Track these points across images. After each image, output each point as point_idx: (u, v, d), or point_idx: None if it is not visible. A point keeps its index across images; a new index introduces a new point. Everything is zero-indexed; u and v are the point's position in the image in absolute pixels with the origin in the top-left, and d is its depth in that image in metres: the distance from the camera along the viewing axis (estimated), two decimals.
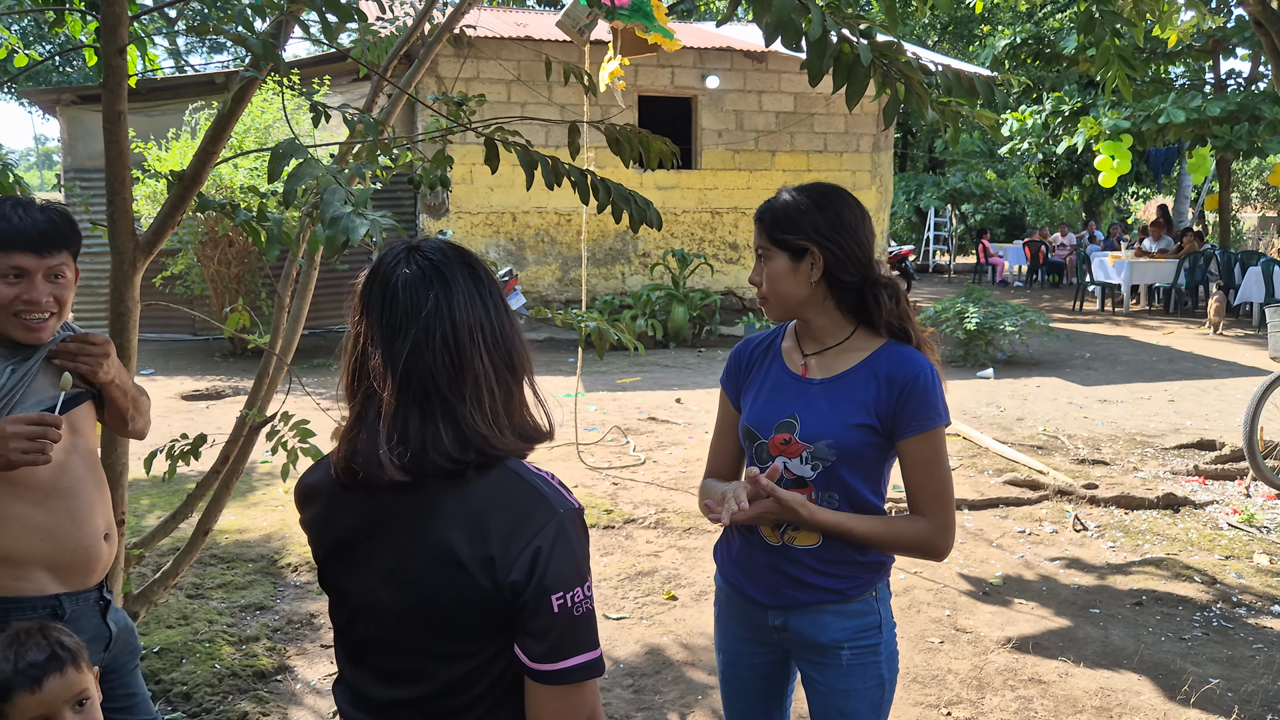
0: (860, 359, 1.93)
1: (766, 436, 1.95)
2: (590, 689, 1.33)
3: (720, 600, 2.12)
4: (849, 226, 1.90)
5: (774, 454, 1.94)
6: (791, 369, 1.99)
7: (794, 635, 1.98)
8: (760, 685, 2.07)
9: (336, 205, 1.73)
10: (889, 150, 13.60)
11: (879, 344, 1.94)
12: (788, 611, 1.96)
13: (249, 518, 5.14)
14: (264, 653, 3.69)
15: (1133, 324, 14.41)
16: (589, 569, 1.34)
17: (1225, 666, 3.69)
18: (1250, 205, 32.36)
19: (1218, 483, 6.07)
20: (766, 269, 1.93)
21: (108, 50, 2.25)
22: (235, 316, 3.14)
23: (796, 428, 1.92)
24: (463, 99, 2.61)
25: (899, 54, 1.79)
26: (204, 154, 2.42)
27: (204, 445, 3.10)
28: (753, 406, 2.00)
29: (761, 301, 1.97)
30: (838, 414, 1.90)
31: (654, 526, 5.16)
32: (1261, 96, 14.13)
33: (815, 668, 1.98)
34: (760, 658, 2.06)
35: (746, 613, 2.03)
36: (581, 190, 2.51)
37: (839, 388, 1.92)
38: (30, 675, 1.58)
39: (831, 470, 1.90)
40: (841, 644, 1.94)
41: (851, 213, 1.92)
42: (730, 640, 2.09)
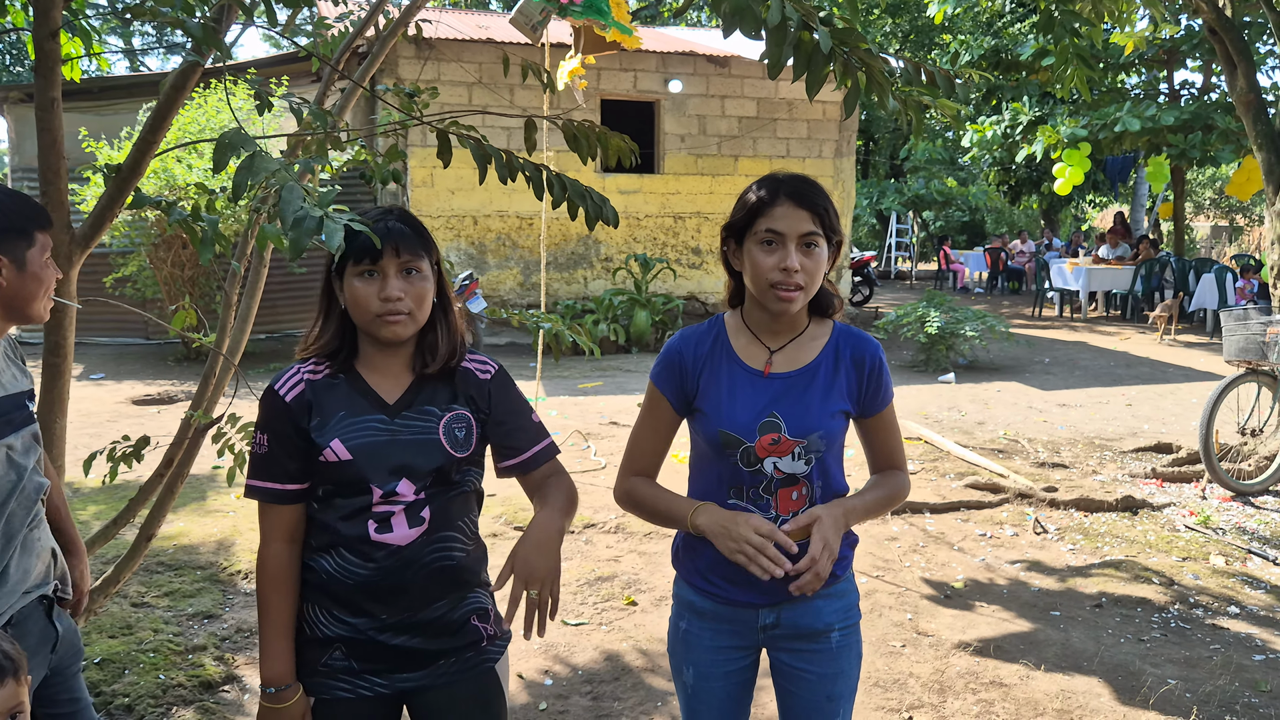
0: (821, 346, 1.92)
1: (752, 440, 1.88)
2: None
3: (687, 612, 2.02)
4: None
5: (763, 456, 1.88)
6: (754, 366, 1.92)
7: (785, 629, 1.95)
8: (735, 693, 2.02)
9: (298, 205, 1.65)
10: (851, 156, 13.66)
11: (828, 328, 1.95)
12: (780, 607, 1.93)
13: (200, 524, 5.01)
14: (211, 662, 3.58)
15: (1090, 330, 14.58)
16: (257, 424, 1.82)
17: (1183, 667, 3.69)
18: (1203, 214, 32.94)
19: (1175, 485, 6.12)
20: (813, 258, 1.82)
21: (39, 34, 2.16)
22: (181, 315, 3.04)
23: (782, 425, 1.87)
24: (415, 90, 2.54)
25: (859, 42, 1.75)
26: (143, 144, 2.33)
27: (147, 448, 3.00)
28: (722, 412, 1.90)
29: (790, 293, 1.81)
30: (820, 404, 1.88)
31: (614, 531, 5.10)
32: (1214, 106, 14.35)
33: (803, 657, 1.95)
34: (737, 664, 2.01)
35: (730, 618, 1.97)
36: (536, 185, 2.45)
37: (814, 378, 1.90)
38: None
39: (821, 461, 1.90)
40: (833, 627, 1.95)
41: None
42: (705, 652, 1.99)
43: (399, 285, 1.76)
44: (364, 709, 1.85)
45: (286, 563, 1.79)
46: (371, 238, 1.69)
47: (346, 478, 1.77)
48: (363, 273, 1.76)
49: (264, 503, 1.80)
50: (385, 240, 1.75)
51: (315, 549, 1.82)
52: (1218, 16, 5.84)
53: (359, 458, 1.77)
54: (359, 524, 1.79)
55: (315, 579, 1.82)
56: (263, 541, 1.80)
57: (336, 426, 1.77)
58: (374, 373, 1.83)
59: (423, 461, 1.81)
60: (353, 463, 1.76)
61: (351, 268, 1.76)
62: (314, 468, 1.79)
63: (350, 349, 1.83)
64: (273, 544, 1.79)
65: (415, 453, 1.81)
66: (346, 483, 1.78)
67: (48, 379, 2.55)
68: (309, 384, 1.80)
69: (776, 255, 1.82)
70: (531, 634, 1.70)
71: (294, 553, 1.81)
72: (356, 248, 1.74)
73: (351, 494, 1.78)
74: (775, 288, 1.83)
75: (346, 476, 1.77)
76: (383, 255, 1.75)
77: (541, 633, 1.72)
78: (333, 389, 1.81)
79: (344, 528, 1.78)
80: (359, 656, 1.83)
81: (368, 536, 1.78)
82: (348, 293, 1.78)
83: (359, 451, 1.77)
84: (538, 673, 3.60)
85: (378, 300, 1.75)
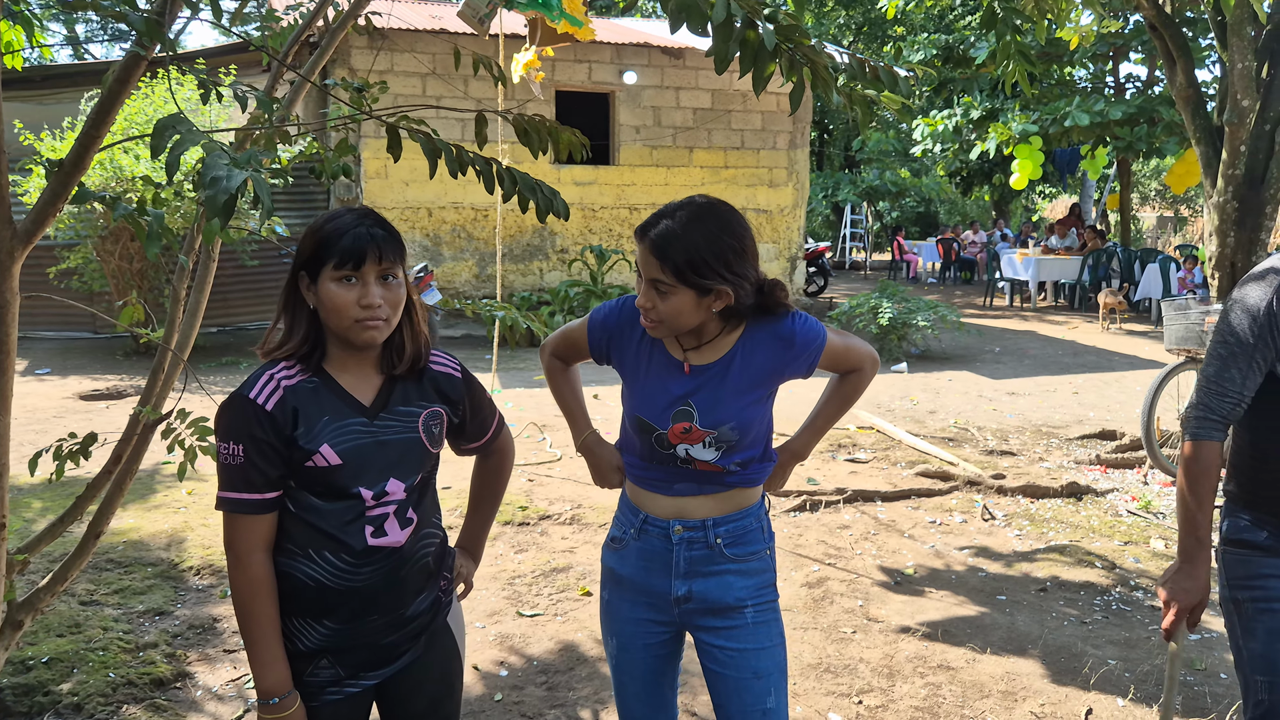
0: (735, 339, 1.97)
1: (664, 427, 1.95)
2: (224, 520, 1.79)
3: (609, 580, 2.12)
4: (749, 252, 1.88)
5: (674, 442, 1.96)
6: (675, 356, 1.98)
7: (697, 603, 2.00)
8: (657, 665, 2.09)
9: (220, 166, 1.64)
10: (805, 148, 13.76)
11: (740, 323, 1.97)
12: (691, 578, 1.98)
13: (149, 520, 4.95)
14: (162, 659, 3.55)
15: (1040, 319, 14.84)
16: (224, 434, 1.77)
17: (1123, 648, 3.80)
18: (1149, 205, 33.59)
19: (1118, 471, 6.27)
20: (667, 302, 1.85)
21: None
22: (129, 310, 3.01)
23: (694, 415, 1.93)
24: (363, 85, 2.53)
25: (803, 38, 1.79)
26: (86, 139, 2.29)
27: (95, 445, 2.97)
28: (641, 396, 1.99)
29: (651, 325, 1.90)
30: (735, 395, 1.94)
31: (569, 523, 5.12)
32: (1158, 99, 14.65)
33: (720, 634, 2.00)
34: (657, 637, 2.07)
35: (644, 588, 2.04)
36: (486, 179, 2.46)
37: (728, 369, 1.95)
38: None
39: (733, 446, 1.94)
40: (745, 603, 1.99)
41: (746, 234, 1.88)
42: (625, 623, 2.08)
43: (378, 292, 1.76)
44: (345, 707, 1.88)
45: (269, 571, 1.78)
46: (357, 245, 1.71)
47: (335, 482, 1.77)
48: (343, 278, 1.74)
49: (241, 514, 1.77)
50: (368, 246, 1.74)
51: (295, 556, 1.80)
52: (1158, 13, 5.98)
53: (349, 461, 1.77)
54: (354, 530, 1.79)
55: (295, 587, 1.80)
56: (242, 552, 1.77)
57: (324, 431, 1.77)
58: (345, 374, 1.83)
59: (408, 461, 1.84)
60: (343, 467, 1.77)
61: (331, 272, 1.74)
62: (296, 474, 1.78)
63: (321, 351, 1.82)
64: (255, 554, 1.77)
65: (400, 453, 1.83)
66: (334, 487, 1.78)
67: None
68: (289, 390, 1.77)
69: (641, 292, 1.89)
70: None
71: (271, 560, 1.80)
72: (340, 253, 1.73)
73: (338, 498, 1.79)
74: (647, 320, 1.92)
75: (336, 481, 1.77)
76: (365, 261, 1.74)
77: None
78: (312, 393, 1.79)
79: (338, 534, 1.79)
80: (346, 662, 1.85)
81: (365, 542, 1.79)
82: (323, 296, 1.75)
83: (348, 455, 1.77)
84: (493, 664, 3.62)
85: (357, 307, 1.74)
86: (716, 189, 13.25)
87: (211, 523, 4.91)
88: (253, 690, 3.40)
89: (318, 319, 1.80)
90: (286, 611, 1.82)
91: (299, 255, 1.80)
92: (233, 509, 1.77)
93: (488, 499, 2.23)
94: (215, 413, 1.85)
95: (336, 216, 1.78)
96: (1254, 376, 2.02)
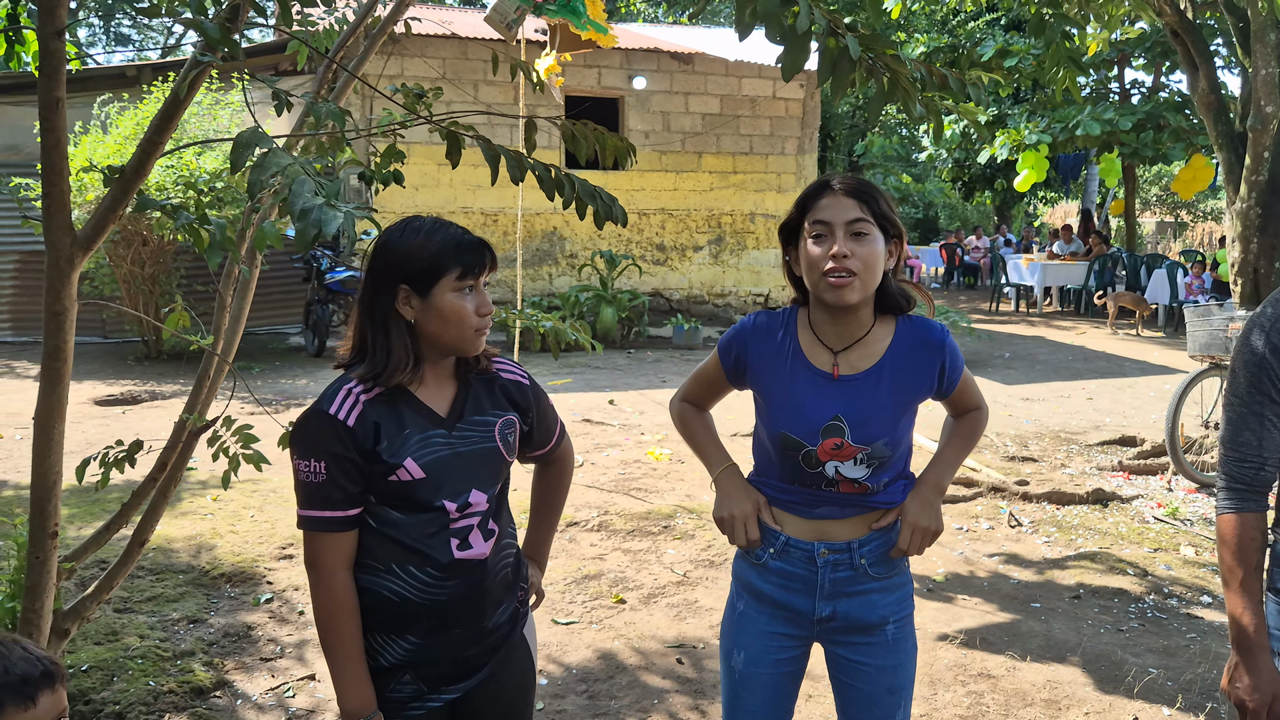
0: (886, 346, 1.92)
1: (814, 444, 1.88)
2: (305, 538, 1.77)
3: (746, 593, 2.05)
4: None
5: (824, 459, 1.89)
6: (820, 368, 1.92)
7: (841, 621, 1.96)
8: (783, 685, 2.03)
9: (306, 197, 1.64)
10: (814, 153, 13.77)
11: (892, 325, 1.94)
12: (836, 599, 1.95)
13: (176, 527, 4.93)
14: (200, 668, 3.53)
15: (1047, 324, 14.85)
16: (303, 451, 1.74)
17: (1163, 656, 3.79)
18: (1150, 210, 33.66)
19: (1140, 477, 6.27)
20: (865, 246, 1.82)
21: (45, 33, 2.11)
22: (174, 316, 3.00)
23: (846, 430, 1.87)
24: (422, 90, 2.52)
25: (886, 47, 1.78)
26: (148, 145, 2.28)
27: (140, 452, 2.95)
28: (785, 411, 1.91)
29: (843, 279, 1.81)
30: (888, 408, 1.89)
31: (597, 529, 5.11)
32: (1165, 105, 14.68)
33: (860, 650, 1.97)
34: (788, 653, 2.01)
35: (784, 604, 1.99)
36: (546, 185, 2.45)
37: (880, 380, 1.90)
38: (23, 691, 1.44)
39: (884, 463, 1.90)
40: (888, 619, 1.96)
41: None
42: (758, 637, 2.00)
43: (488, 298, 1.79)
44: None
45: (352, 589, 1.77)
46: (477, 253, 1.74)
47: (419, 495, 1.76)
48: (465, 289, 1.75)
49: (324, 532, 1.75)
50: (486, 254, 1.76)
51: (378, 571, 1.78)
52: (1180, 19, 5.98)
53: (431, 474, 1.76)
54: (439, 543, 1.78)
55: (378, 603, 1.79)
56: (325, 571, 1.75)
57: (406, 445, 1.75)
58: (421, 386, 1.81)
59: (488, 471, 1.82)
60: (426, 480, 1.75)
61: (453, 283, 1.74)
62: (376, 489, 1.76)
63: (420, 365, 1.79)
64: (339, 573, 1.75)
65: (479, 463, 1.82)
66: (417, 501, 1.76)
67: (47, 383, 2.51)
68: (368, 404, 1.75)
69: (825, 245, 1.84)
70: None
71: (353, 578, 1.78)
72: (463, 264, 1.73)
73: (421, 511, 1.77)
74: (827, 276, 1.83)
75: (419, 494, 1.76)
76: (483, 270, 1.76)
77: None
78: (391, 407, 1.77)
79: (423, 547, 1.77)
80: (428, 677, 1.83)
81: (451, 555, 1.78)
82: (442, 308, 1.74)
83: (431, 468, 1.76)
84: None
85: (476, 316, 1.76)
86: (725, 194, 13.26)
87: (239, 529, 4.89)
88: (293, 700, 3.38)
89: (412, 332, 1.78)
90: (368, 627, 1.80)
91: (397, 270, 1.76)
92: (315, 527, 1.75)
93: (551, 506, 2.22)
94: (292, 430, 1.82)
95: (435, 228, 1.77)
96: (1271, 435, 1.82)
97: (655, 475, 6.02)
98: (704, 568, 4.61)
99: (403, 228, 1.79)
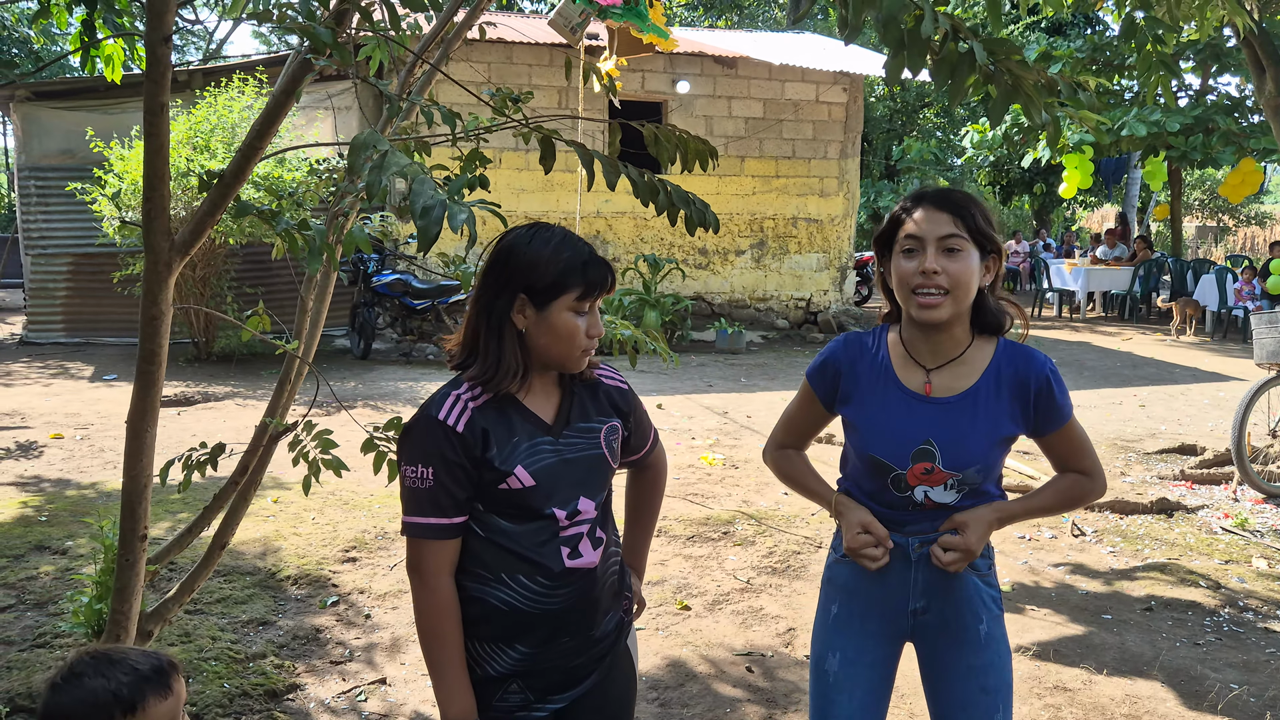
0: (983, 369, 1.87)
1: (903, 467, 1.86)
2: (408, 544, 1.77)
3: (840, 593, 2.03)
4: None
5: (913, 484, 1.87)
6: (911, 388, 1.88)
7: (934, 615, 1.93)
8: (878, 686, 2.00)
9: (428, 195, 1.63)
10: (856, 157, 13.69)
11: (991, 346, 1.89)
12: (929, 594, 1.92)
13: (241, 528, 4.94)
14: (272, 670, 3.54)
15: (1091, 330, 14.66)
16: (411, 456, 1.74)
17: (1243, 672, 3.71)
18: (1192, 215, 33.18)
19: (1204, 487, 6.15)
20: (957, 262, 1.79)
21: (152, 38, 2.12)
22: (255, 320, 3.01)
23: (937, 455, 1.84)
24: (516, 95, 2.51)
25: (1012, 53, 1.75)
26: (249, 150, 2.29)
27: (222, 455, 2.97)
28: (875, 433, 1.88)
29: (932, 298, 1.79)
30: (981, 435, 1.84)
31: (657, 535, 5.08)
32: (1214, 108, 14.46)
33: (952, 648, 1.94)
34: (883, 650, 1.99)
35: (878, 599, 1.97)
36: (640, 191, 2.43)
37: (975, 404, 1.85)
38: (160, 681, 1.52)
39: (975, 489, 1.87)
40: (980, 617, 1.93)
41: None
42: (854, 637, 1.99)
43: (600, 321, 1.78)
44: None
45: (455, 596, 1.76)
46: (601, 275, 1.75)
47: (529, 503, 1.74)
48: (582, 309, 1.74)
49: (430, 539, 1.74)
50: (609, 277, 1.76)
51: (487, 581, 1.77)
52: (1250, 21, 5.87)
53: (542, 482, 1.75)
54: (550, 552, 1.77)
55: (486, 612, 1.78)
56: (429, 576, 1.74)
57: (516, 452, 1.74)
58: (528, 394, 1.80)
59: (596, 477, 1.81)
60: (536, 488, 1.74)
61: (572, 302, 1.73)
62: (485, 497, 1.75)
63: (527, 374, 1.78)
64: (442, 578, 1.75)
65: (587, 470, 1.80)
66: (527, 509, 1.75)
67: (141, 387, 2.52)
68: (476, 411, 1.74)
69: (915, 260, 1.81)
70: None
71: (455, 585, 1.78)
72: (587, 284, 1.72)
73: (530, 519, 1.76)
74: (916, 293, 1.80)
75: (529, 502, 1.74)
76: (603, 294, 1.75)
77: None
78: (499, 414, 1.76)
79: (534, 556, 1.76)
80: (536, 686, 1.81)
81: (563, 564, 1.77)
82: (556, 323, 1.73)
83: (540, 476, 1.75)
84: None
85: (586, 337, 1.75)
86: (768, 198, 13.21)
87: (303, 531, 4.92)
88: (365, 704, 3.38)
89: (522, 341, 1.77)
90: (476, 636, 1.79)
91: (520, 278, 1.75)
92: (421, 534, 1.74)
93: (647, 512, 2.20)
94: (400, 435, 1.82)
95: (564, 242, 1.76)
96: None
97: (711, 480, 5.99)
98: (767, 575, 4.57)
99: (530, 235, 1.78)
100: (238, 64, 11.43)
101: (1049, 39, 16.36)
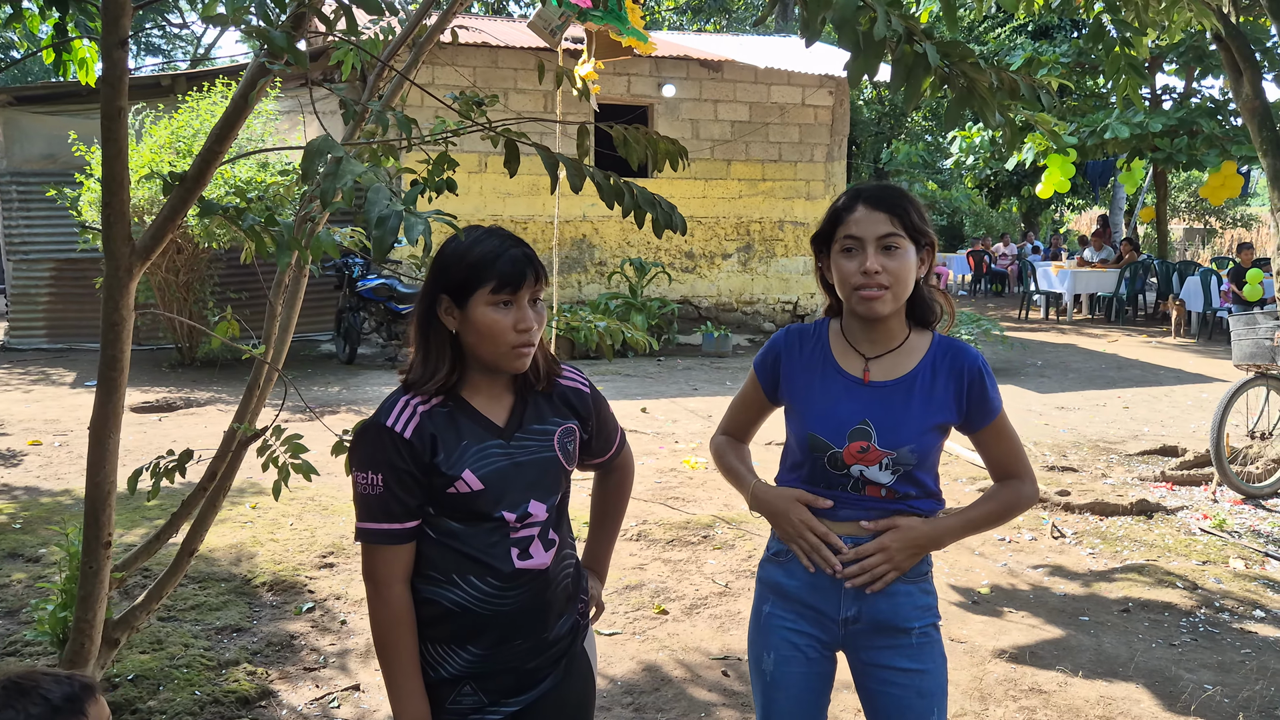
0: (919, 358, 1.93)
1: (840, 446, 1.90)
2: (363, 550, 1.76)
3: (771, 594, 2.05)
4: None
5: (850, 463, 1.90)
6: (851, 373, 1.94)
7: (866, 623, 1.95)
8: (815, 685, 2.02)
9: (383, 204, 1.62)
10: (842, 160, 13.71)
11: (928, 338, 1.96)
12: (861, 599, 1.93)
13: (216, 535, 4.94)
14: (245, 677, 3.52)
15: (1078, 332, 14.71)
16: (361, 463, 1.73)
17: (1218, 672, 3.71)
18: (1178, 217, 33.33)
19: (1184, 488, 6.17)
20: (896, 260, 1.84)
21: (109, 42, 2.10)
22: (224, 325, 2.99)
23: (872, 435, 1.88)
24: (481, 99, 2.51)
25: (966, 55, 1.75)
26: (209, 154, 2.27)
27: (190, 462, 2.95)
28: (815, 413, 1.94)
29: (874, 293, 1.84)
30: (917, 417, 1.89)
31: (636, 539, 5.07)
32: (1198, 111, 14.51)
33: (885, 653, 1.95)
34: (817, 653, 2.01)
35: (810, 604, 1.98)
36: (605, 193, 2.43)
37: (911, 390, 1.91)
38: (73, 709, 1.45)
39: (909, 474, 1.89)
40: (913, 623, 1.95)
41: None
42: (787, 634, 2.01)
43: (531, 315, 1.73)
44: None
45: (409, 602, 1.76)
46: (517, 266, 1.69)
47: (478, 507, 1.74)
48: (500, 303, 1.71)
49: (381, 545, 1.73)
50: (527, 269, 1.71)
51: (439, 582, 1.77)
52: (1225, 24, 5.90)
53: (490, 485, 1.74)
54: (500, 553, 1.76)
55: (439, 614, 1.77)
56: (382, 583, 1.74)
57: (464, 457, 1.73)
58: (478, 396, 1.79)
59: (548, 480, 1.80)
60: (485, 492, 1.73)
61: (488, 297, 1.70)
62: (436, 501, 1.75)
63: (461, 376, 1.78)
64: (395, 585, 1.74)
65: (539, 473, 1.79)
66: (476, 512, 1.74)
67: (103, 393, 2.49)
68: (425, 416, 1.73)
69: (856, 259, 1.86)
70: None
71: (409, 590, 1.77)
72: (499, 276, 1.69)
73: (480, 522, 1.75)
74: (858, 290, 1.86)
75: (478, 506, 1.74)
76: (523, 285, 1.71)
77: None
78: (449, 419, 1.75)
79: (484, 557, 1.75)
80: (489, 689, 1.80)
81: (513, 565, 1.76)
82: (477, 321, 1.71)
83: (489, 479, 1.74)
84: None
85: (514, 332, 1.71)
86: (754, 201, 13.22)
87: (280, 537, 4.89)
88: (338, 710, 3.36)
89: (457, 343, 1.76)
90: (430, 638, 1.78)
91: (440, 279, 1.75)
92: (373, 540, 1.74)
93: (611, 516, 2.20)
94: (351, 441, 1.82)
95: (481, 238, 1.75)
96: None
97: (692, 484, 5.98)
98: (746, 578, 4.56)
99: (456, 236, 1.78)
100: (220, 69, 11.40)
101: (1034, 44, 16.40)
